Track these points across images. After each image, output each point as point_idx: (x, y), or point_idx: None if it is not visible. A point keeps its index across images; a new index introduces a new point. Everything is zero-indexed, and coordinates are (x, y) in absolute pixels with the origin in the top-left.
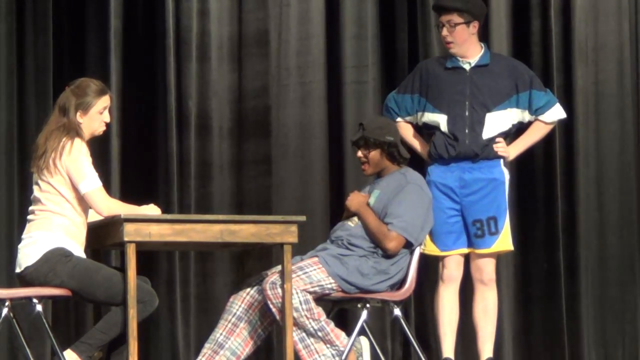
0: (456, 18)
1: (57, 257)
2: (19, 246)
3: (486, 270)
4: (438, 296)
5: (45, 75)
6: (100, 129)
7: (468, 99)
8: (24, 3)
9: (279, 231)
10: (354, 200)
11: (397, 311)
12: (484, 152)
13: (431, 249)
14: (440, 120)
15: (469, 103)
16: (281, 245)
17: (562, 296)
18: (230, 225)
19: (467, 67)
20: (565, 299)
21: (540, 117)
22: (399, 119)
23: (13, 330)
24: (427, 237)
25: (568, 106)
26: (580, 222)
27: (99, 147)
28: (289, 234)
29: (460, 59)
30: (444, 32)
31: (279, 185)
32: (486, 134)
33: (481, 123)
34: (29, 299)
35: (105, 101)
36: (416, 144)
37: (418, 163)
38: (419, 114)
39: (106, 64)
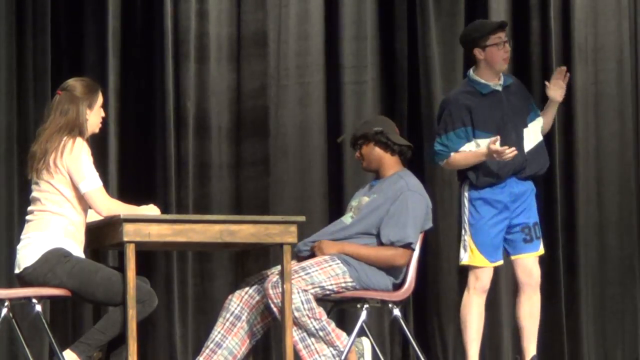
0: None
1: (56, 258)
2: (18, 247)
3: (536, 273)
4: (470, 305)
5: (44, 76)
6: (99, 124)
7: (509, 120)
8: (23, 4)
9: (279, 231)
10: (327, 247)
11: (396, 311)
12: (530, 166)
13: (479, 260)
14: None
15: (510, 124)
16: (280, 245)
17: (561, 296)
18: (229, 225)
19: (499, 89)
20: (565, 299)
21: None
22: (452, 154)
23: (12, 331)
24: (474, 248)
25: (568, 106)
26: (580, 222)
27: (97, 147)
28: (288, 234)
29: (490, 83)
30: (507, 48)
31: (278, 186)
32: (526, 148)
33: (522, 139)
34: (28, 299)
35: (101, 96)
36: (472, 154)
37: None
38: (468, 144)
39: (104, 64)
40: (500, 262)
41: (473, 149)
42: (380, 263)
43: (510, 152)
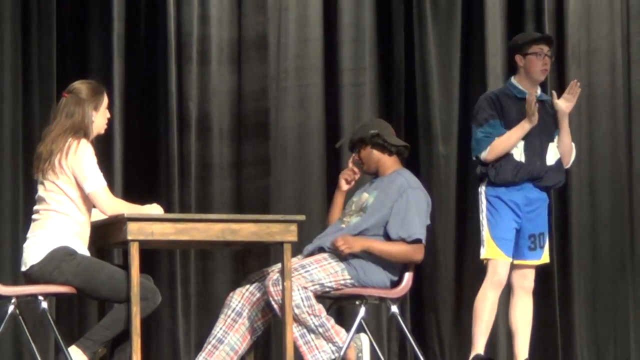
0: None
1: (61, 256)
2: (24, 245)
3: (530, 278)
4: (484, 298)
5: (50, 79)
6: (105, 125)
7: (537, 129)
8: (28, 8)
9: (279, 230)
10: (350, 242)
11: (394, 308)
12: (547, 177)
13: (495, 253)
14: (518, 145)
15: (537, 132)
16: (281, 244)
17: (555, 294)
18: (231, 224)
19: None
20: (559, 296)
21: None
22: (496, 138)
23: (19, 327)
24: (492, 242)
25: None
26: (573, 221)
27: (102, 147)
28: (288, 233)
29: (527, 91)
30: (547, 60)
31: (278, 185)
32: (549, 161)
33: (545, 151)
34: (34, 296)
35: (106, 97)
36: (515, 129)
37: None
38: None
39: (109, 67)
40: (511, 260)
41: None
42: (400, 259)
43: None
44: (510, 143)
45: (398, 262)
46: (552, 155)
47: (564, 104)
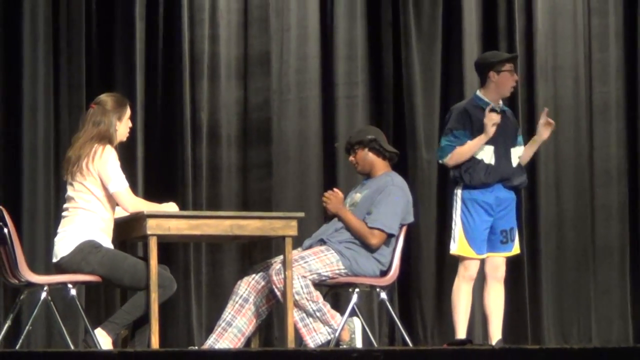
0: None
1: (88, 248)
2: (55, 239)
3: (502, 269)
4: (459, 291)
5: (78, 91)
6: (127, 134)
7: (500, 135)
8: (59, 28)
9: (281, 225)
10: (333, 201)
11: (383, 295)
12: (514, 178)
13: (467, 252)
14: (488, 150)
15: (501, 138)
16: (283, 237)
17: (525, 281)
18: (238, 220)
19: (497, 110)
20: (528, 284)
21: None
22: (457, 147)
23: (50, 312)
24: (464, 241)
25: (531, 117)
26: (541, 217)
27: (125, 152)
28: (289, 228)
29: (492, 103)
30: (516, 77)
31: (280, 186)
32: (513, 163)
33: (510, 155)
34: (64, 284)
35: (129, 109)
36: (474, 141)
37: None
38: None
39: (132, 81)
40: (485, 256)
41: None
42: (357, 235)
43: (496, 116)
44: (469, 152)
45: (357, 237)
46: (514, 158)
47: (547, 132)
